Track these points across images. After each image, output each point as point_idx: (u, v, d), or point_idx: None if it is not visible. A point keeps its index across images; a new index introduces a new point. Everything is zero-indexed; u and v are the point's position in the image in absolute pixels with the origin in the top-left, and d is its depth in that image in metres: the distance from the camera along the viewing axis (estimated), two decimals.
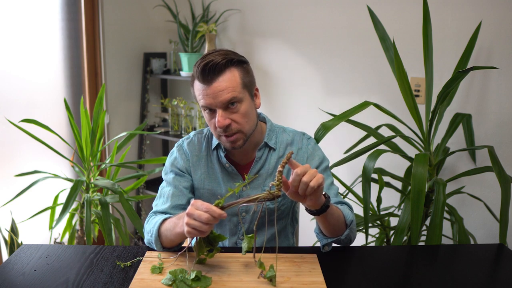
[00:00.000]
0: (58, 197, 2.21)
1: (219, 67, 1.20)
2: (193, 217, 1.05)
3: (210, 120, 1.26)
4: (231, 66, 1.23)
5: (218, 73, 1.21)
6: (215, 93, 1.20)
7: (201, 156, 1.39)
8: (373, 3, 1.96)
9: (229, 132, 1.24)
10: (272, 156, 1.37)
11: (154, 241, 1.22)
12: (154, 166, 3.01)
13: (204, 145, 1.40)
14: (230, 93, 1.21)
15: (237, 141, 1.26)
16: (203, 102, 1.23)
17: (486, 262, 1.23)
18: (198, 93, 1.24)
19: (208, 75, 1.20)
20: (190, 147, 1.40)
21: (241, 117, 1.24)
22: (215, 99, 1.21)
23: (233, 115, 1.23)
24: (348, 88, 2.36)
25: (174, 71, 2.96)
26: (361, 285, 1.09)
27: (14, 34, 2.32)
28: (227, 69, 1.22)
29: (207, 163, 1.38)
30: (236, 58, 1.25)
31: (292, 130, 1.43)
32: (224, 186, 1.37)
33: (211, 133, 1.41)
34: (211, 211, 1.04)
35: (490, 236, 2.05)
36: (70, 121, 2.07)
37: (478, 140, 2.01)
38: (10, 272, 1.12)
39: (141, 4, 2.88)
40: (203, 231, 1.05)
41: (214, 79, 1.20)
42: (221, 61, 1.20)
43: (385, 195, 1.96)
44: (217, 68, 1.20)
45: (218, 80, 1.21)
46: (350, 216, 1.23)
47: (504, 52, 1.92)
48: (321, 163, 1.37)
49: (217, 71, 1.20)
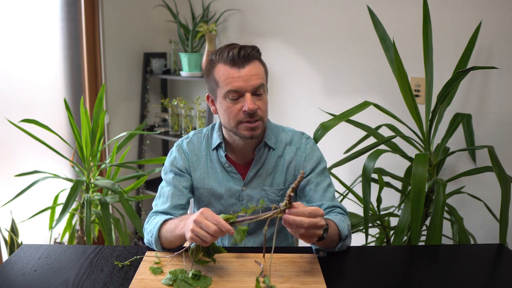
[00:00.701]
0: (58, 197, 2.21)
1: (251, 55, 1.26)
2: (200, 225, 1.04)
3: (231, 107, 1.26)
4: (258, 58, 1.29)
5: (250, 59, 1.25)
6: (247, 76, 1.23)
7: (200, 155, 1.39)
8: (373, 3, 1.96)
9: (254, 118, 1.26)
10: (271, 156, 1.37)
11: (154, 242, 1.22)
12: (154, 166, 3.01)
13: (203, 144, 1.40)
14: (260, 80, 1.26)
15: (258, 128, 1.28)
16: (232, 85, 1.24)
17: (486, 262, 1.23)
18: (226, 77, 1.25)
19: (241, 59, 1.23)
20: (190, 146, 1.40)
21: (264, 105, 1.28)
22: (247, 82, 1.23)
23: (258, 102, 1.26)
24: (348, 88, 2.36)
25: (174, 71, 2.96)
26: (361, 285, 1.09)
27: (14, 34, 2.32)
28: (256, 59, 1.28)
29: (207, 163, 1.38)
30: (260, 50, 1.31)
31: (291, 130, 1.43)
32: (224, 186, 1.37)
33: (210, 132, 1.41)
34: (220, 225, 1.03)
35: (490, 236, 2.05)
36: (70, 121, 2.06)
37: (478, 140, 2.01)
38: (10, 272, 1.12)
39: (141, 4, 2.88)
40: (207, 242, 1.04)
41: (247, 63, 1.24)
42: (252, 49, 1.26)
43: (385, 195, 1.96)
44: (250, 55, 1.25)
45: (250, 65, 1.25)
46: (345, 230, 1.22)
47: (504, 52, 1.92)
48: (318, 164, 1.37)
49: (250, 57, 1.25)
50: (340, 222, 1.23)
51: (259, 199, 1.37)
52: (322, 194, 1.34)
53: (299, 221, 1.01)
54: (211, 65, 1.29)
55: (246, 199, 1.37)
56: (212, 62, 1.29)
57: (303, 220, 1.01)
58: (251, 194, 1.37)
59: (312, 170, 1.36)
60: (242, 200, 1.37)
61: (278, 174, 1.38)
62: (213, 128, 1.42)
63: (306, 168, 1.37)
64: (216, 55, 1.28)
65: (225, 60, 1.25)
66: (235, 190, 1.37)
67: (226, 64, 1.25)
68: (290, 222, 1.01)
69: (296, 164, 1.38)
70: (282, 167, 1.38)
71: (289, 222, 1.02)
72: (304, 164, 1.37)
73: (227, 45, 1.28)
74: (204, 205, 1.39)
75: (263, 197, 1.37)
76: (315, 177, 1.36)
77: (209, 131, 1.42)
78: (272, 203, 1.38)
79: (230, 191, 1.37)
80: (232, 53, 1.23)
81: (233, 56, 1.23)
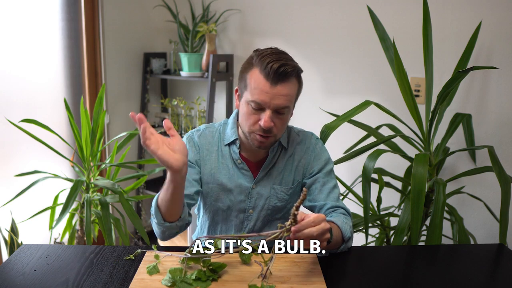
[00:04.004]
0: (58, 197, 2.21)
1: (290, 74, 1.22)
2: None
3: (250, 115, 1.25)
4: (296, 77, 1.26)
5: (286, 78, 1.22)
6: (275, 95, 1.21)
7: (212, 150, 1.39)
8: (373, 3, 1.96)
9: (267, 134, 1.25)
10: (282, 155, 1.39)
11: (154, 213, 1.21)
12: (154, 166, 3.01)
13: (215, 139, 1.40)
14: (287, 102, 1.23)
15: (267, 143, 1.28)
16: (257, 97, 1.22)
17: (486, 262, 1.23)
18: (256, 86, 1.22)
19: (278, 76, 1.20)
20: (202, 140, 1.39)
21: (282, 124, 1.27)
22: (272, 100, 1.22)
23: (276, 120, 1.25)
24: (348, 88, 2.36)
25: (174, 71, 2.96)
26: (361, 285, 1.09)
27: (14, 34, 2.32)
28: (293, 78, 1.25)
29: (218, 158, 1.38)
30: (301, 70, 1.28)
31: (300, 130, 1.45)
32: (234, 182, 1.37)
33: (223, 128, 1.41)
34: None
35: (490, 236, 2.05)
36: (70, 121, 2.06)
37: (478, 140, 2.01)
38: (10, 272, 1.12)
39: (141, 4, 2.88)
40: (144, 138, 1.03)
41: (281, 82, 1.21)
42: (293, 70, 1.22)
43: (385, 195, 1.96)
44: (288, 74, 1.21)
45: (283, 85, 1.22)
46: (347, 232, 1.22)
47: (504, 52, 1.92)
48: (326, 165, 1.39)
49: (287, 76, 1.22)
50: (342, 224, 1.23)
51: (268, 197, 1.38)
52: (327, 195, 1.35)
53: (308, 232, 1.01)
54: (249, 64, 1.26)
55: (256, 197, 1.38)
56: (251, 61, 1.26)
57: (311, 230, 1.01)
58: (261, 192, 1.37)
59: (320, 170, 1.38)
60: (252, 198, 1.38)
61: (287, 173, 1.39)
62: (226, 123, 1.41)
63: (314, 167, 1.38)
64: (258, 57, 1.24)
65: (262, 69, 1.21)
66: (245, 187, 1.37)
67: (262, 74, 1.22)
68: (301, 237, 1.01)
69: (305, 163, 1.39)
70: (292, 166, 1.39)
71: (299, 237, 1.01)
72: (312, 163, 1.38)
73: (272, 52, 1.24)
74: (212, 200, 1.39)
75: (272, 196, 1.38)
76: (322, 177, 1.37)
77: (221, 126, 1.41)
78: (281, 202, 1.39)
79: (240, 188, 1.37)
80: (272, 67, 1.20)
81: (271, 71, 1.20)
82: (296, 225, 1.01)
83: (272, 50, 1.26)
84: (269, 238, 1.04)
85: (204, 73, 2.77)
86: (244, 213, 1.39)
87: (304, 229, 1.01)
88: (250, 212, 1.39)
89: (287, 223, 1.02)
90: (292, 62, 1.25)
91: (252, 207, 1.38)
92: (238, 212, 1.39)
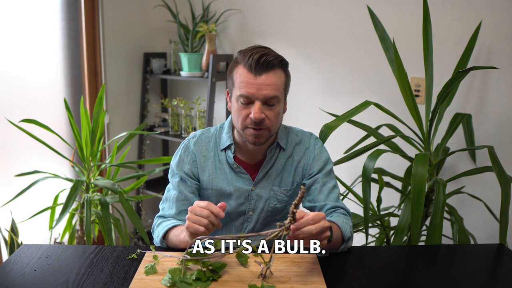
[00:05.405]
0: (58, 197, 2.21)
1: (272, 63, 1.23)
2: (194, 211, 1.08)
3: (240, 110, 1.26)
4: (281, 66, 1.27)
5: (269, 68, 1.23)
6: (260, 85, 1.22)
7: (208, 156, 1.38)
8: (373, 3, 1.96)
9: (259, 127, 1.26)
10: (281, 156, 1.38)
11: (159, 242, 1.27)
12: (154, 166, 3.01)
13: (211, 144, 1.39)
14: (274, 91, 1.24)
15: (262, 137, 1.28)
16: (244, 90, 1.23)
17: (486, 262, 1.23)
18: (241, 80, 1.24)
19: (260, 66, 1.22)
20: (197, 147, 1.39)
21: (274, 116, 1.27)
22: (259, 91, 1.22)
23: (268, 112, 1.26)
24: (348, 88, 2.36)
25: (174, 71, 2.96)
26: (361, 285, 1.09)
27: (14, 34, 2.32)
28: (278, 68, 1.25)
29: (215, 163, 1.38)
30: (285, 61, 1.28)
31: (299, 130, 1.45)
32: (233, 186, 1.37)
33: (219, 132, 1.41)
34: (211, 207, 1.08)
35: (490, 236, 2.05)
36: (70, 121, 2.07)
37: (478, 140, 2.01)
38: (10, 272, 1.12)
39: (141, 4, 2.88)
40: (202, 225, 1.07)
41: (264, 72, 1.23)
42: (275, 59, 1.23)
43: (385, 195, 1.96)
44: (270, 63, 1.23)
45: (268, 74, 1.23)
46: (347, 232, 1.23)
47: (504, 52, 1.92)
48: (326, 165, 1.39)
49: (270, 66, 1.23)
50: (342, 224, 1.23)
51: (267, 198, 1.38)
52: (327, 195, 1.35)
53: (307, 230, 1.01)
54: (235, 63, 1.29)
55: (255, 199, 1.37)
56: (236, 60, 1.29)
57: (311, 228, 1.01)
58: (260, 193, 1.37)
59: (320, 170, 1.37)
60: (251, 200, 1.37)
61: (286, 174, 1.38)
62: (222, 128, 1.41)
63: (313, 168, 1.38)
64: (240, 55, 1.27)
65: (245, 63, 1.24)
66: (244, 190, 1.37)
67: (245, 67, 1.24)
68: (300, 235, 1.01)
69: (305, 164, 1.39)
70: (291, 167, 1.39)
71: (299, 236, 1.01)
72: (312, 164, 1.38)
73: (254, 48, 1.27)
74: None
75: (272, 197, 1.38)
76: (322, 177, 1.37)
77: (217, 131, 1.41)
78: (281, 203, 1.39)
79: (240, 191, 1.37)
80: (253, 58, 1.22)
81: (253, 62, 1.22)
82: (295, 223, 1.01)
83: (254, 46, 1.28)
84: (269, 237, 1.04)
85: (204, 73, 2.77)
86: (244, 215, 1.39)
87: (303, 227, 1.01)
88: (250, 214, 1.39)
89: (286, 221, 1.02)
90: (274, 53, 1.26)
91: (252, 209, 1.38)
92: (238, 214, 1.39)
